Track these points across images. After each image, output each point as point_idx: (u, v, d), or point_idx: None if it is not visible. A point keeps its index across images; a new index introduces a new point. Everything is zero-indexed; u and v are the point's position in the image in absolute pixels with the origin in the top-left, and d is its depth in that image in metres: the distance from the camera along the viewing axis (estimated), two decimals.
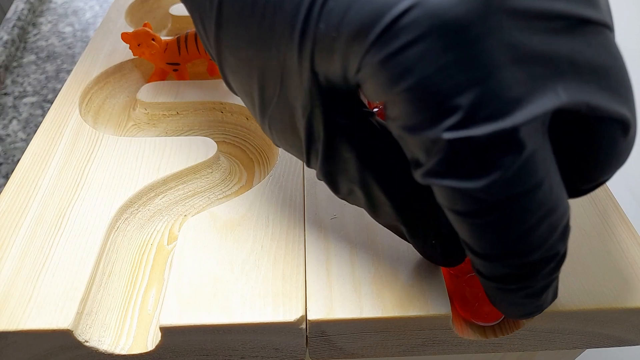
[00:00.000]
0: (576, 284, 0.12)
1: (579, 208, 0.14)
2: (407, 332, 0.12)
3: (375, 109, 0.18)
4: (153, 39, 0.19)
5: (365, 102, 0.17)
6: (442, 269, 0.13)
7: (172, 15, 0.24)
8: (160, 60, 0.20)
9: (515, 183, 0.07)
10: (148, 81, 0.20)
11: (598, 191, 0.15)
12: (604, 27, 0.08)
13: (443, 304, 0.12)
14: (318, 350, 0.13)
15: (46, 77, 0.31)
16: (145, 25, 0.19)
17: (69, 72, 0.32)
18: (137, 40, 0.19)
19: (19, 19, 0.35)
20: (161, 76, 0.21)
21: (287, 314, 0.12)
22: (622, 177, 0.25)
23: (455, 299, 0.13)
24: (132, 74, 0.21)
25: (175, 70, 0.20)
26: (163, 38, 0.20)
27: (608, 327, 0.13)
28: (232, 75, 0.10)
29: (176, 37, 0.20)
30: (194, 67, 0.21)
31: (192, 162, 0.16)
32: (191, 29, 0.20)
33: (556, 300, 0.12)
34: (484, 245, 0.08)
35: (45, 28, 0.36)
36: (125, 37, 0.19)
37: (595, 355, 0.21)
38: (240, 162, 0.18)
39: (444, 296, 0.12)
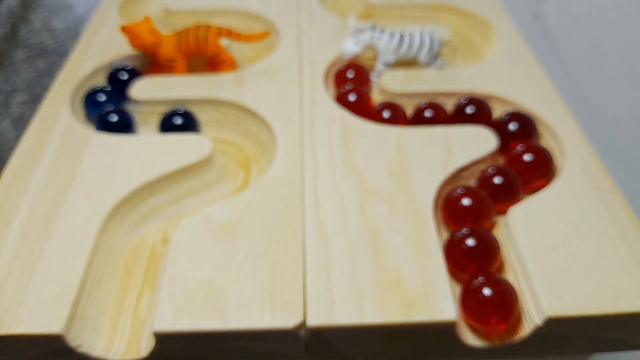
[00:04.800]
0: (585, 289, 0.12)
1: (589, 211, 0.14)
2: (411, 338, 0.12)
3: (377, 106, 0.18)
4: (152, 33, 0.18)
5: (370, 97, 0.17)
6: (448, 272, 0.12)
7: (168, 10, 0.23)
8: (158, 55, 0.19)
9: None
10: (144, 73, 0.20)
11: (609, 194, 0.14)
12: None
13: (448, 309, 0.12)
14: (318, 357, 0.12)
15: (39, 75, 0.31)
16: (145, 18, 0.19)
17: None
18: (136, 33, 0.18)
19: (10, 14, 0.34)
20: (159, 70, 0.20)
21: (286, 319, 0.11)
22: (634, 176, 0.25)
23: (462, 303, 0.12)
24: None
25: (173, 65, 0.19)
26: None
27: (617, 332, 0.12)
28: None
29: (176, 32, 0.19)
30: (191, 61, 0.21)
31: (186, 162, 0.15)
32: (191, 24, 0.20)
33: (565, 306, 0.12)
34: None
35: (37, 24, 0.35)
36: (124, 30, 0.18)
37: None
38: (237, 161, 0.18)
39: (449, 301, 0.12)
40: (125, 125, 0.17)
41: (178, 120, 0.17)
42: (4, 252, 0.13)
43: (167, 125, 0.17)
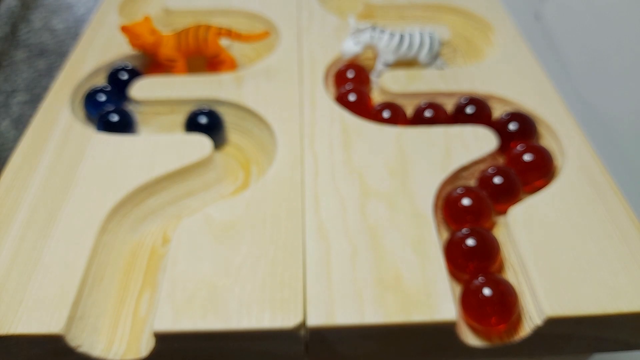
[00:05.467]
0: (585, 288, 0.12)
1: (589, 211, 0.14)
2: (411, 338, 0.12)
3: (377, 106, 0.18)
4: (152, 33, 0.18)
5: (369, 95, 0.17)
6: (448, 272, 0.12)
7: (168, 10, 0.23)
8: (158, 55, 0.19)
9: None
10: (144, 73, 0.20)
11: (608, 193, 0.14)
12: None
13: (448, 309, 0.11)
14: (318, 357, 0.12)
15: (39, 75, 0.31)
16: (145, 18, 0.19)
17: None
18: (136, 33, 0.18)
19: (10, 14, 0.34)
20: (159, 70, 0.20)
21: (286, 319, 0.11)
22: (634, 177, 0.25)
23: (462, 303, 0.12)
24: None
25: (173, 65, 0.19)
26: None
27: (617, 332, 0.12)
28: None
29: (176, 32, 0.19)
30: (191, 59, 0.20)
31: (186, 162, 0.15)
32: (191, 24, 0.20)
33: (565, 306, 0.12)
34: None
35: (37, 24, 0.35)
36: (124, 30, 0.18)
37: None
38: (237, 161, 0.17)
39: (450, 301, 0.12)
40: (125, 125, 0.17)
41: (203, 120, 0.17)
42: (4, 252, 0.13)
43: (193, 124, 0.17)
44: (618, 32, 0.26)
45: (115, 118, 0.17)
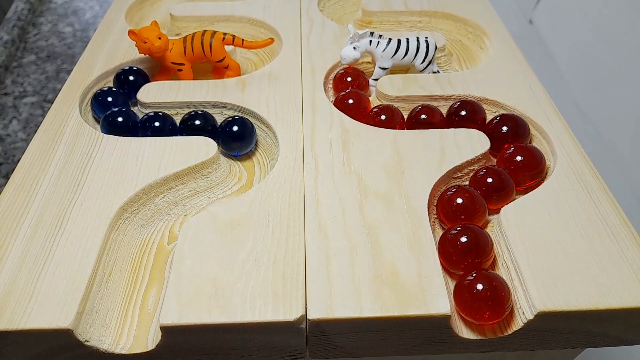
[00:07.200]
0: (575, 284, 0.12)
1: (579, 209, 0.14)
2: (407, 331, 0.12)
3: (375, 109, 0.18)
4: (159, 37, 0.19)
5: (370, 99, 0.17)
6: (442, 268, 0.13)
7: (173, 16, 0.24)
8: (165, 59, 0.20)
9: None
10: (153, 80, 0.20)
11: (598, 193, 0.15)
12: None
13: (443, 303, 0.12)
14: (318, 349, 0.13)
15: (46, 77, 0.31)
16: (152, 23, 0.19)
17: (69, 72, 0.32)
18: (143, 37, 0.19)
19: (19, 19, 0.35)
20: (165, 75, 0.21)
21: (287, 313, 0.12)
22: (624, 177, 0.25)
23: (456, 298, 0.13)
24: None
25: (179, 70, 0.20)
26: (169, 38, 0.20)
27: (607, 327, 0.13)
28: None
29: (182, 37, 0.20)
30: (197, 65, 0.21)
31: (192, 162, 0.16)
32: (196, 30, 0.20)
33: (556, 301, 0.12)
34: None
35: (45, 28, 0.36)
36: (132, 34, 0.19)
37: (594, 355, 0.21)
38: (240, 161, 0.18)
39: (444, 296, 0.12)
40: (132, 127, 0.18)
41: (197, 122, 0.17)
42: (15, 249, 0.13)
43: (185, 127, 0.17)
44: (608, 35, 0.27)
45: (122, 119, 0.18)
